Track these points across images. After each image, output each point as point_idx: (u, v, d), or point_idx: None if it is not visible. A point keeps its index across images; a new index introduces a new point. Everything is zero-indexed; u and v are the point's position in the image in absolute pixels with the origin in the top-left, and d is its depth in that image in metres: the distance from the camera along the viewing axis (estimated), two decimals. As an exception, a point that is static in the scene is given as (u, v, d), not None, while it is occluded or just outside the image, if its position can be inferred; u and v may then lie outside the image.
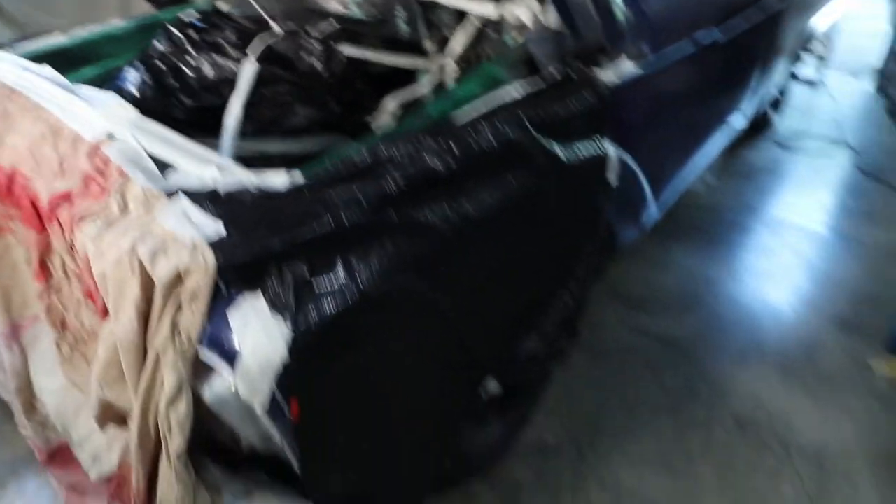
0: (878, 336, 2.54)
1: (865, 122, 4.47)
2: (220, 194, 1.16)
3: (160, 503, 1.24)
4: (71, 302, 1.32)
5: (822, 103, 4.62)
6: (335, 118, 2.06)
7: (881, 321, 2.59)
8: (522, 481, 2.01)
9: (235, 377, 1.04)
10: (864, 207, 3.46)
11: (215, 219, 1.10)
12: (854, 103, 4.73)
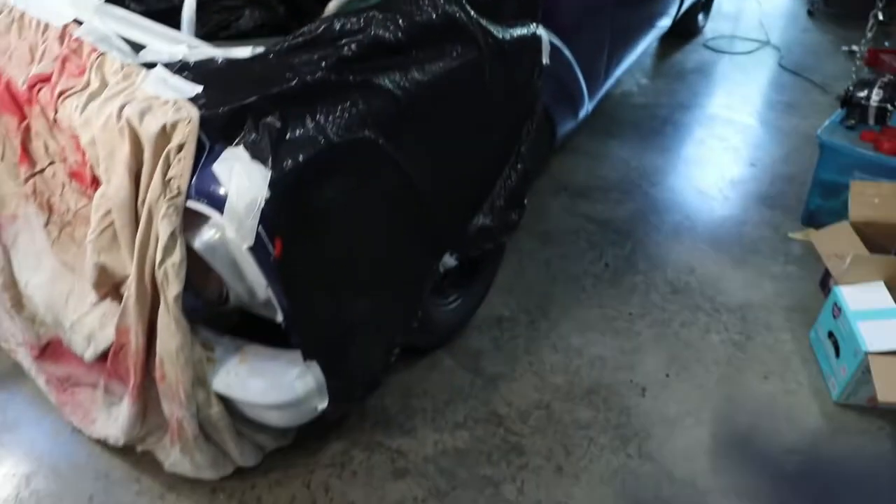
0: (796, 211, 2.81)
1: (789, 23, 4.74)
2: (192, 64, 1.27)
3: (160, 356, 1.39)
4: (56, 185, 1.42)
5: (748, 7, 4.86)
6: (281, 21, 2.15)
7: (798, 198, 2.85)
8: (481, 349, 2.22)
9: (224, 219, 1.17)
10: (786, 100, 3.72)
11: (192, 83, 1.21)
12: (778, 7, 4.98)
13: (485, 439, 1.94)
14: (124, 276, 1.32)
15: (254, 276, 1.29)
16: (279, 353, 1.44)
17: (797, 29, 4.62)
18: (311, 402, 1.44)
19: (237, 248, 1.22)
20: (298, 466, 1.89)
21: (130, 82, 1.22)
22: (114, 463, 1.96)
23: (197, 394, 1.42)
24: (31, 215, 1.60)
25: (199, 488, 1.85)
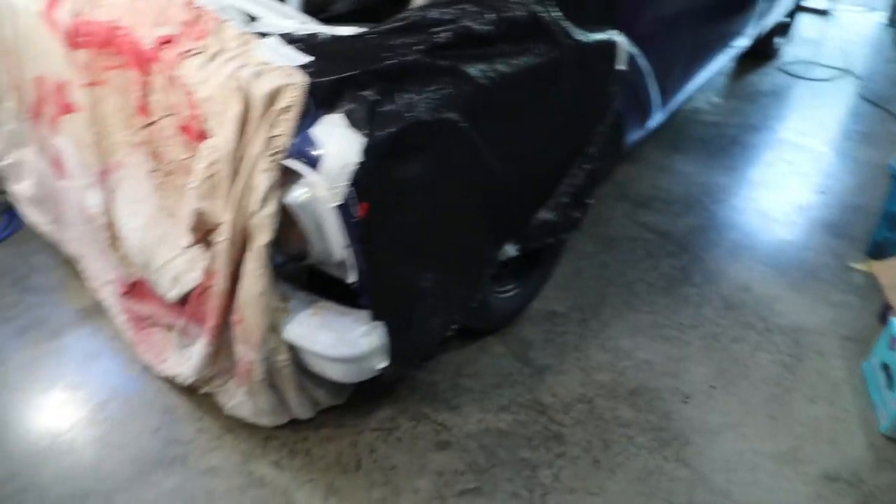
0: (862, 242, 2.79)
1: (873, 52, 4.65)
2: (301, 37, 1.39)
3: (242, 300, 1.51)
4: (165, 137, 1.56)
5: (831, 33, 4.79)
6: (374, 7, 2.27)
7: (865, 229, 2.83)
8: (532, 340, 2.29)
9: (317, 179, 1.29)
10: (863, 130, 3.67)
11: (302, 54, 1.33)
12: (863, 34, 4.89)
13: (527, 424, 2.01)
14: (219, 222, 1.45)
15: (335, 235, 1.40)
16: (349, 311, 1.55)
17: (881, 59, 4.53)
18: (372, 360, 1.54)
19: (325, 207, 1.33)
20: (348, 426, 2.00)
21: (246, 48, 1.35)
22: (179, 401, 2.12)
23: (269, 340, 1.54)
24: (137, 163, 1.75)
25: (255, 434, 1.98)
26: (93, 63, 1.69)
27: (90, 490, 1.89)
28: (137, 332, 2.23)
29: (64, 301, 2.57)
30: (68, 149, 2.01)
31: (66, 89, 1.84)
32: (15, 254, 2.84)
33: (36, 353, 2.35)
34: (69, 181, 2.11)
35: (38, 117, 2.12)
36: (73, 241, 2.40)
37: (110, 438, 2.03)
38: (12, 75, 2.14)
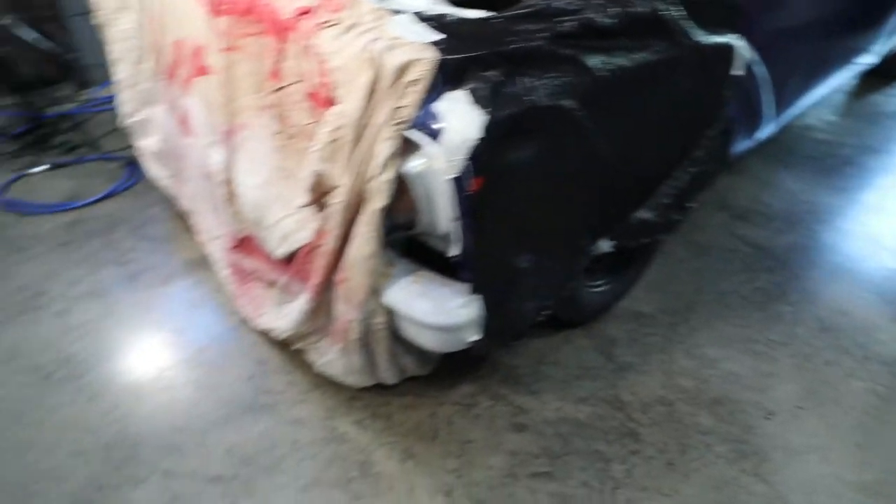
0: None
1: None
2: (432, 16, 1.46)
3: (349, 261, 1.60)
4: (293, 102, 1.66)
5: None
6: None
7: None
8: (617, 338, 2.30)
9: (436, 151, 1.35)
10: None
11: (432, 31, 1.39)
12: None
13: (604, 418, 2.03)
14: (336, 185, 1.53)
15: (445, 207, 1.46)
16: (449, 282, 1.61)
17: None
18: (465, 332, 1.60)
19: (440, 179, 1.39)
20: (429, 397, 2.07)
21: (380, 23, 1.43)
22: (271, 354, 2.24)
23: (370, 302, 1.62)
24: (261, 125, 1.87)
25: (340, 393, 2.08)
26: (231, 29, 1.81)
27: (185, 426, 2.03)
28: (239, 286, 2.36)
29: (174, 251, 2.75)
30: (197, 109, 2.15)
31: (203, 53, 1.97)
32: (133, 204, 3.07)
33: (146, 297, 2.53)
34: (194, 139, 2.25)
35: (172, 78, 2.28)
36: (189, 196, 2.57)
37: (206, 381, 2.17)
38: (154, 39, 2.30)
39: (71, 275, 2.65)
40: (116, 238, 2.84)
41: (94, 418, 2.07)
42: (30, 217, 3.00)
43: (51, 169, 3.33)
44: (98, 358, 2.29)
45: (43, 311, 2.49)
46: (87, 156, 3.42)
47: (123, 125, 2.78)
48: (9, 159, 3.44)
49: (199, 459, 1.92)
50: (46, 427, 2.06)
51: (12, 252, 2.79)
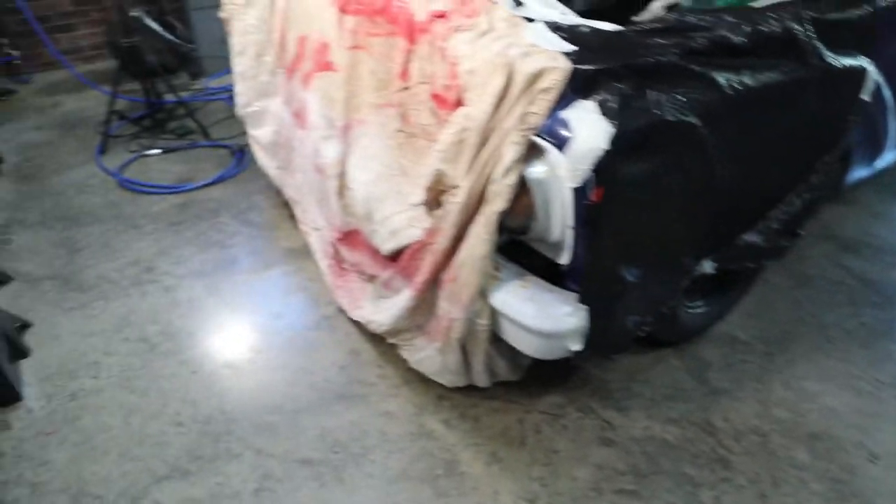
0: None
1: None
2: (565, 26, 1.47)
3: (460, 260, 1.63)
4: (416, 102, 1.71)
5: None
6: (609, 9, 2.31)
7: None
8: (710, 361, 2.25)
9: (561, 158, 1.36)
10: None
11: (566, 42, 1.41)
12: None
13: (694, 442, 1.99)
14: (455, 185, 1.57)
15: (563, 215, 1.47)
16: (556, 289, 1.62)
17: None
18: (568, 341, 1.60)
19: (562, 186, 1.41)
20: (517, 403, 2.08)
21: (515, 30, 1.46)
22: (365, 346, 2.30)
23: (476, 302, 1.65)
24: (377, 122, 1.93)
25: (430, 391, 2.12)
26: (359, 29, 1.88)
27: (280, 405, 2.11)
28: (337, 278, 2.44)
29: (275, 239, 2.86)
30: (315, 103, 2.23)
31: (328, 49, 2.05)
32: (239, 191, 3.21)
33: (248, 280, 2.64)
34: (308, 132, 2.34)
35: (293, 72, 2.37)
36: (295, 187, 2.66)
37: (301, 365, 2.25)
38: (277, 33, 2.41)
39: (179, 253, 2.79)
40: (222, 222, 2.97)
41: (194, 391, 2.17)
42: (144, 196, 3.18)
43: (164, 153, 3.52)
44: (201, 334, 2.40)
45: (153, 286, 2.63)
46: (198, 142, 3.60)
47: (239, 115, 2.91)
48: (127, 141, 3.65)
49: (290, 441, 1.99)
50: (151, 395, 2.17)
51: (129, 228, 2.97)
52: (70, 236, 2.95)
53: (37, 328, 2.47)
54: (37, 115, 4.07)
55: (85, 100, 4.19)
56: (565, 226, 1.49)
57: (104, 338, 2.41)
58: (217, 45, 4.05)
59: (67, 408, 2.14)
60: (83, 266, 2.76)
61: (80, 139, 3.75)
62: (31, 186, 3.34)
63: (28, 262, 2.81)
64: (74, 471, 1.94)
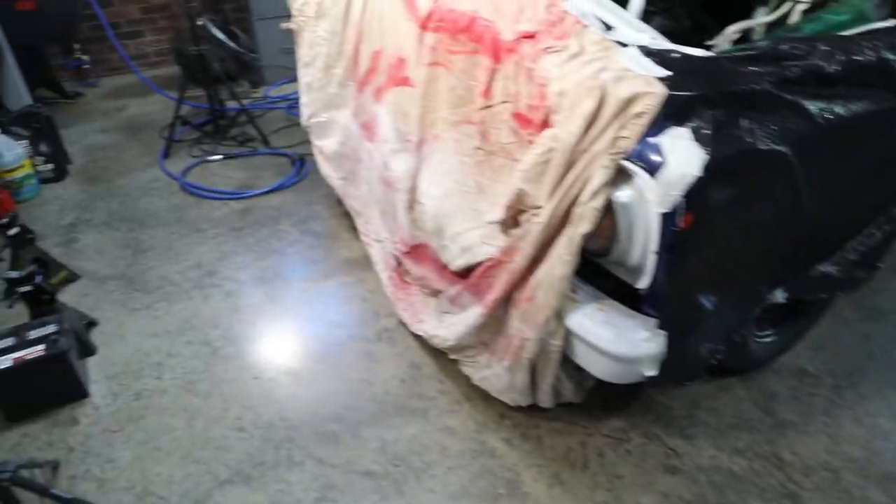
0: None
1: None
2: (657, 51, 1.47)
3: (538, 280, 1.62)
4: (497, 121, 1.71)
5: None
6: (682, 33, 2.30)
7: None
8: (777, 393, 2.20)
9: (652, 184, 1.35)
10: None
11: (659, 67, 1.40)
12: None
13: (761, 475, 1.94)
14: (536, 205, 1.56)
15: (647, 240, 1.46)
16: (634, 314, 1.60)
17: None
18: (643, 366, 1.58)
19: (650, 211, 1.40)
20: (579, 425, 2.06)
21: (607, 54, 1.45)
22: (425, 360, 2.30)
23: (551, 323, 1.64)
24: (453, 139, 1.94)
25: (491, 408, 2.11)
26: (440, 46, 1.89)
27: (340, 415, 2.12)
28: (398, 291, 2.45)
29: (335, 248, 2.89)
30: (386, 117, 2.26)
31: (405, 65, 2.07)
32: (299, 199, 3.25)
33: (308, 288, 2.67)
34: (377, 144, 2.37)
35: (364, 85, 2.40)
36: (358, 198, 2.69)
37: (362, 376, 2.26)
38: (349, 46, 2.44)
39: (241, 259, 2.83)
40: (283, 229, 3.01)
41: (255, 397, 2.19)
42: (206, 201, 3.24)
43: (225, 158, 3.58)
44: (262, 340, 2.43)
45: (214, 290, 2.68)
46: (259, 150, 3.66)
47: (303, 125, 2.95)
48: (189, 146, 3.73)
49: (351, 452, 2.00)
50: (213, 398, 2.20)
51: (191, 231, 3.02)
52: (135, 237, 3.02)
53: (103, 327, 2.53)
54: (103, 118, 4.18)
55: (149, 104, 4.30)
56: (648, 250, 1.47)
57: (167, 339, 2.45)
58: (278, 54, 4.14)
59: (132, 406, 2.19)
60: (147, 267, 2.82)
61: (144, 142, 3.84)
62: (98, 187, 3.43)
63: (94, 261, 2.89)
64: (139, 469, 1.98)
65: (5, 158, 3.16)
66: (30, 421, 2.15)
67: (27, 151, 3.31)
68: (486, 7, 1.75)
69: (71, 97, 4.31)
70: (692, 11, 2.32)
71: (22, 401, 2.17)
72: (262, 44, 4.24)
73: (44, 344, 2.16)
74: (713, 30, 2.33)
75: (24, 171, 3.26)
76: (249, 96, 4.26)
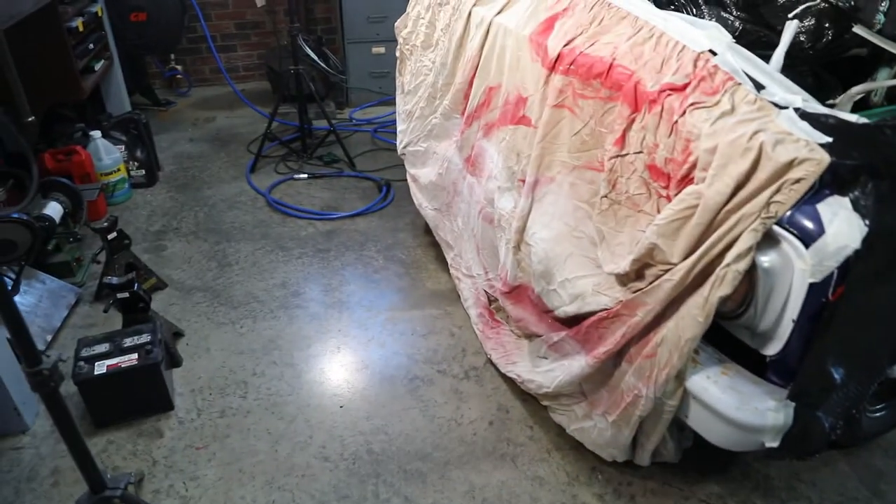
0: None
1: None
2: (813, 114, 1.42)
3: (662, 338, 1.57)
4: (628, 170, 1.68)
5: None
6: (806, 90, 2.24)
7: None
8: (885, 472, 2.09)
9: (804, 251, 1.30)
10: None
11: (820, 132, 1.35)
12: None
13: (869, 560, 1.84)
14: (664, 260, 1.52)
15: (786, 307, 1.40)
16: (760, 381, 1.54)
17: None
18: (766, 436, 1.51)
19: (798, 280, 1.34)
20: (674, 487, 1.98)
21: (764, 114, 1.41)
22: (514, 403, 2.26)
23: (671, 383, 1.58)
24: (569, 183, 1.91)
25: (582, 460, 2.05)
26: (568, 89, 1.87)
27: (428, 454, 2.08)
28: (489, 329, 2.42)
29: (421, 279, 2.87)
30: (496, 153, 2.24)
31: (525, 104, 2.06)
32: (384, 225, 3.25)
33: (394, 317, 2.66)
34: (481, 180, 2.35)
35: (473, 119, 2.40)
36: (452, 231, 2.67)
37: (449, 415, 2.22)
38: (460, 79, 2.44)
39: (327, 282, 2.84)
40: (368, 255, 3.01)
41: (342, 427, 2.17)
42: (292, 219, 3.27)
43: (311, 178, 3.62)
44: (348, 367, 2.42)
45: (300, 311, 2.68)
46: (345, 171, 3.69)
47: (400, 152, 2.96)
48: (275, 162, 3.79)
49: (439, 494, 1.96)
50: (298, 423, 2.19)
51: (276, 249, 3.05)
52: (221, 250, 3.06)
53: (188, 339, 2.55)
54: (193, 127, 4.29)
55: (236, 117, 4.40)
56: (785, 318, 1.41)
57: (253, 357, 2.46)
58: (365, 78, 4.19)
59: (217, 424, 2.19)
60: (233, 281, 2.85)
61: (231, 155, 3.92)
62: (186, 196, 3.50)
63: (181, 270, 2.93)
64: (223, 491, 1.97)
65: (104, 162, 3.25)
66: (115, 428, 2.16)
67: (123, 156, 3.40)
68: (625, 55, 1.73)
69: (163, 105, 4.44)
70: (815, 69, 2.26)
71: (111, 408, 2.19)
72: (350, 66, 4.31)
73: (137, 353, 2.18)
74: (835, 88, 2.27)
75: (119, 174, 3.35)
76: (335, 117, 4.32)
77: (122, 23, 3.63)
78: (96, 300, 2.74)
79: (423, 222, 3.03)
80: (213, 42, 4.35)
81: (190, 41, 4.42)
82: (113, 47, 3.62)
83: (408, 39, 2.77)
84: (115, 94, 3.71)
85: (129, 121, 3.47)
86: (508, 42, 2.15)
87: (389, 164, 3.73)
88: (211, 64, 4.59)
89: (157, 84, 4.61)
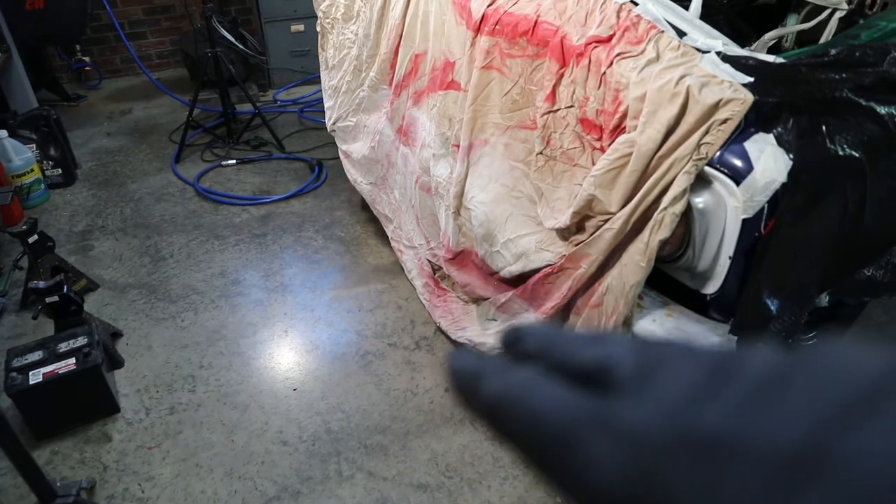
0: None
1: None
2: (733, 57, 1.46)
3: (607, 287, 1.61)
4: (561, 125, 1.69)
5: None
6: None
7: None
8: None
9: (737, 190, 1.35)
10: None
11: (741, 72, 1.40)
12: None
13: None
14: (604, 210, 1.55)
15: (721, 245, 1.45)
16: (704, 319, 1.59)
17: None
18: (714, 373, 1.57)
19: (731, 217, 1.39)
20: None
21: (687, 59, 1.44)
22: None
23: (618, 329, 1.62)
24: (503, 143, 1.92)
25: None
26: (494, 49, 1.87)
27: (387, 426, 2.08)
28: (435, 297, 2.42)
29: (362, 255, 2.85)
30: (427, 121, 2.23)
31: (453, 68, 2.05)
32: (319, 205, 3.20)
33: (339, 296, 2.63)
34: (415, 149, 2.33)
35: (401, 89, 2.37)
36: (389, 204, 2.65)
37: (404, 386, 2.22)
38: (385, 50, 2.41)
39: (266, 266, 2.78)
40: (307, 236, 2.97)
41: (297, 410, 2.15)
42: (224, 206, 3.18)
43: (239, 163, 3.52)
44: (297, 350, 2.39)
45: (241, 299, 2.62)
46: (274, 154, 3.60)
47: (329, 129, 2.91)
48: (200, 150, 3.66)
49: (402, 464, 1.97)
50: (252, 411, 2.15)
51: (211, 238, 2.96)
52: (153, 244, 2.95)
53: (128, 338, 2.47)
54: (108, 121, 4.10)
55: (154, 107, 4.22)
56: (722, 256, 1.46)
57: (198, 350, 2.39)
58: (286, 57, 4.09)
59: (167, 421, 2.13)
60: (169, 275, 2.76)
61: (153, 146, 3.77)
62: (109, 192, 3.35)
63: (112, 269, 2.82)
64: (181, 487, 1.92)
65: (15, 163, 3.07)
66: (59, 438, 2.08)
67: (36, 155, 3.22)
68: (549, 11, 1.73)
69: (73, 100, 4.22)
70: (729, 18, 2.33)
71: (52, 417, 2.10)
72: (270, 46, 4.19)
73: (74, 357, 2.10)
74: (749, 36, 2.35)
75: (33, 175, 3.17)
76: (259, 100, 4.20)
77: (17, 11, 3.39)
78: (23, 308, 2.61)
79: (359, 199, 3.00)
80: (122, 29, 4.15)
81: (95, 30, 4.20)
82: (9, 39, 3.39)
83: (328, 13, 2.71)
84: (19, 91, 3.49)
85: (37, 118, 3.29)
86: (431, 7, 2.13)
87: (319, 143, 3.66)
88: (122, 53, 4.39)
89: (65, 78, 4.37)
